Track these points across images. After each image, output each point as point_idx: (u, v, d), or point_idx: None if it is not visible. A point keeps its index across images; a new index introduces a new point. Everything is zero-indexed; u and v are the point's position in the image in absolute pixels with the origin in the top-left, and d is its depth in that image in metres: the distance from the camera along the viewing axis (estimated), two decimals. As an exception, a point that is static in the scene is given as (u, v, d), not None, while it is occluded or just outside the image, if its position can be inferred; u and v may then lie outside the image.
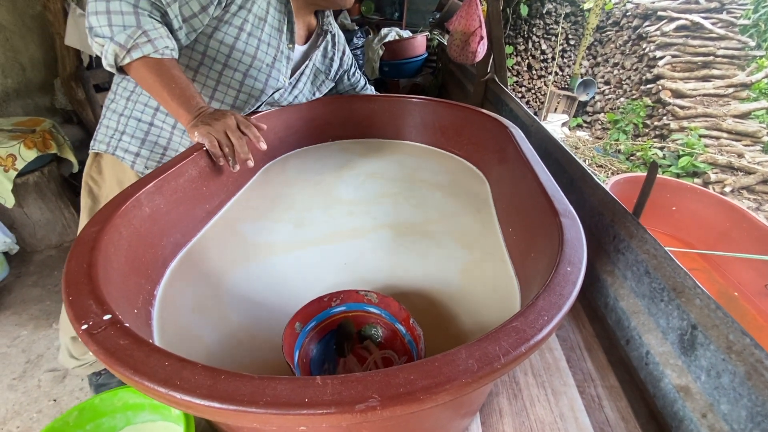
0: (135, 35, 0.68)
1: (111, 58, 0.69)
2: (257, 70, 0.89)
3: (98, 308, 0.34)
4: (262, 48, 0.88)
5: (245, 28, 0.84)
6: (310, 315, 0.50)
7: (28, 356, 1.51)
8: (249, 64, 0.87)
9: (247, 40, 0.85)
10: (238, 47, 0.85)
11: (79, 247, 0.42)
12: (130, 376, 0.28)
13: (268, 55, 0.90)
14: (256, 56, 0.87)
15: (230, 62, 0.86)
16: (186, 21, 0.76)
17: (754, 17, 3.76)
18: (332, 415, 0.25)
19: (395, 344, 0.51)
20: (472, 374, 0.27)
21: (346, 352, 0.52)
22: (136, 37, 0.68)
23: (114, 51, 0.68)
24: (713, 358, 0.53)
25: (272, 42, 0.89)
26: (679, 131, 3.35)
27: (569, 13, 3.96)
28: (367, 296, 0.52)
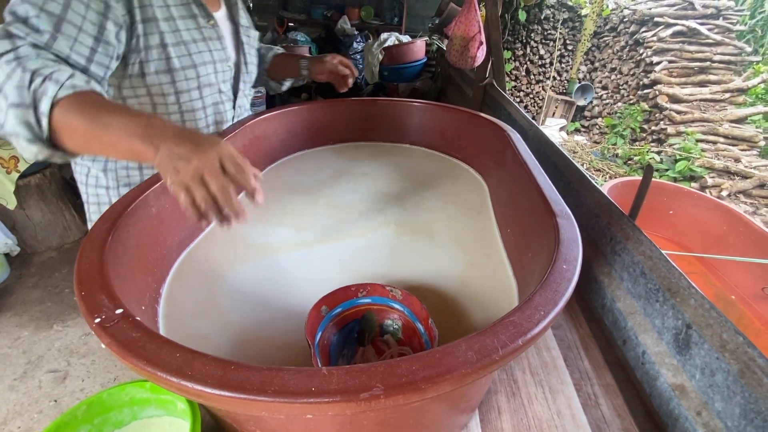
0: (25, 81, 0.48)
1: (23, 131, 0.49)
2: (206, 74, 0.79)
3: (110, 303, 0.35)
4: (192, 49, 0.75)
5: (167, 41, 0.71)
6: (336, 301, 0.52)
7: (28, 357, 1.52)
8: (196, 75, 0.77)
9: (177, 53, 0.73)
10: (175, 66, 0.73)
11: (90, 243, 0.43)
12: (143, 367, 0.29)
13: (202, 51, 0.77)
14: (195, 63, 0.76)
15: (180, 86, 0.75)
16: (92, 61, 0.60)
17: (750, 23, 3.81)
18: (338, 403, 0.26)
19: (413, 342, 0.53)
20: (472, 365, 0.28)
21: (366, 342, 0.54)
22: (30, 83, 0.48)
23: (19, 118, 0.48)
24: (707, 356, 0.54)
25: (195, 35, 0.76)
26: (676, 136, 3.38)
27: (567, 18, 3.99)
28: (392, 292, 0.54)
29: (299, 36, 3.57)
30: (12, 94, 0.48)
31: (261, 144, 0.97)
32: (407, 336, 0.54)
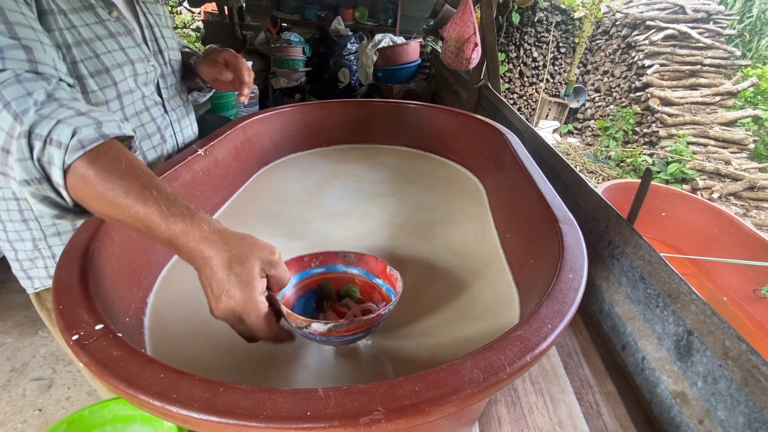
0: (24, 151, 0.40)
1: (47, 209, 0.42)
2: (123, 79, 0.65)
3: (90, 317, 0.33)
4: (99, 49, 0.61)
5: (68, 41, 0.57)
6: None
7: (12, 364, 1.47)
8: (112, 82, 0.63)
9: (81, 56, 0.59)
10: (82, 73, 0.59)
11: (70, 253, 0.41)
12: (123, 390, 0.27)
13: (113, 50, 0.63)
14: (106, 66, 0.62)
15: (93, 98, 0.61)
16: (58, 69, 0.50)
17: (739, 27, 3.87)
18: (335, 429, 0.24)
19: (373, 297, 0.54)
20: (478, 385, 0.27)
21: (325, 309, 0.54)
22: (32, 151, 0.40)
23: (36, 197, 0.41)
24: (710, 364, 0.53)
25: (98, 31, 0.61)
26: (667, 138, 3.42)
27: (560, 21, 4.02)
28: (346, 257, 0.54)
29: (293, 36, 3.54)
30: (18, 170, 0.40)
31: (253, 146, 0.95)
32: (366, 293, 0.54)
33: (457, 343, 0.52)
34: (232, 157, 0.85)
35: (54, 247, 0.68)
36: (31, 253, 0.68)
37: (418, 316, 0.57)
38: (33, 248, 0.67)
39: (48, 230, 0.67)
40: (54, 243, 0.68)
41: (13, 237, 0.66)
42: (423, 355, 0.50)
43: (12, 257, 0.69)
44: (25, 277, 0.71)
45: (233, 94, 2.84)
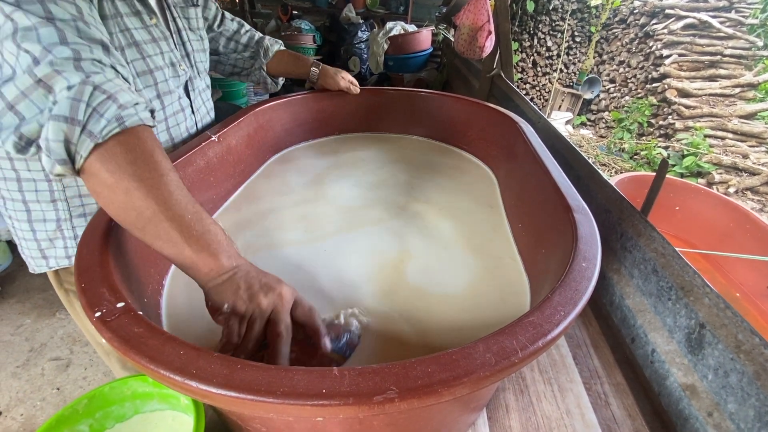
0: (85, 94, 0.38)
1: (59, 151, 0.38)
2: (164, 80, 0.69)
3: (111, 296, 0.34)
4: (147, 51, 0.65)
5: (122, 43, 0.61)
6: None
7: (31, 344, 1.52)
8: (154, 82, 0.67)
9: (131, 57, 0.63)
10: (132, 72, 0.63)
11: (91, 234, 0.42)
12: (145, 365, 0.28)
13: (156, 54, 0.68)
14: (150, 67, 0.66)
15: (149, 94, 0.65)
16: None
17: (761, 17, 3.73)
18: (350, 406, 0.25)
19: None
20: (490, 368, 0.27)
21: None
22: (89, 97, 0.38)
23: (59, 132, 0.37)
24: (721, 357, 0.52)
25: (144, 35, 0.65)
26: (684, 131, 3.34)
27: (576, 9, 3.92)
28: None
29: (303, 24, 3.52)
30: (62, 106, 0.37)
31: (266, 133, 0.95)
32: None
33: (468, 331, 0.53)
34: (245, 143, 0.86)
35: (78, 228, 0.70)
36: (52, 233, 0.69)
37: (429, 305, 0.57)
38: (55, 228, 0.69)
39: (75, 211, 0.68)
40: (78, 224, 0.70)
41: (36, 217, 0.67)
42: (434, 341, 0.51)
43: (29, 237, 0.70)
44: (40, 256, 0.72)
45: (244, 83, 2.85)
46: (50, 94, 0.37)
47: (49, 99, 0.37)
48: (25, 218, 0.67)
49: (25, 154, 0.40)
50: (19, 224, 0.68)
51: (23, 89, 0.37)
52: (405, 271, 0.64)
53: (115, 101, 0.39)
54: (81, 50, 0.39)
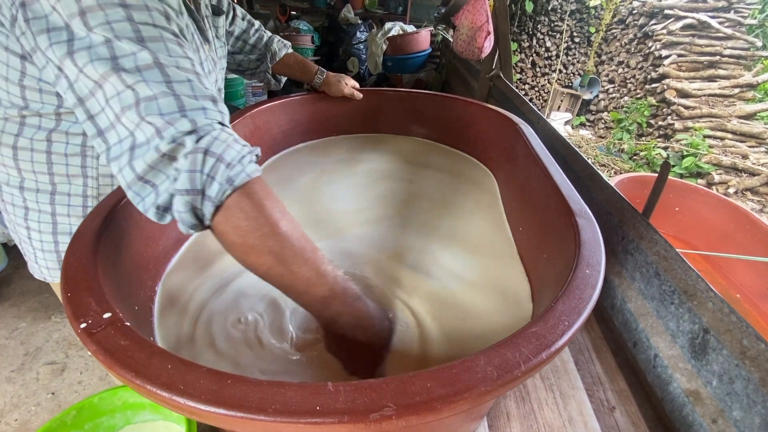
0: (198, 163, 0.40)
1: (188, 218, 0.41)
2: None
3: (98, 306, 0.33)
4: (211, 80, 0.69)
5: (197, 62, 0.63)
6: None
7: (26, 348, 1.50)
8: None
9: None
10: None
11: (79, 241, 0.41)
12: (131, 379, 0.27)
13: (213, 82, 0.71)
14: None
15: None
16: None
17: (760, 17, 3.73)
18: (345, 424, 0.24)
19: None
20: (492, 382, 0.26)
21: None
22: (201, 165, 0.40)
23: (186, 204, 0.40)
24: (726, 363, 0.51)
25: (208, 66, 0.69)
26: (683, 131, 3.33)
27: (574, 10, 3.92)
28: None
29: (302, 25, 3.51)
30: (183, 179, 0.40)
31: (262, 135, 0.94)
32: None
33: (468, 338, 0.51)
34: (241, 146, 0.84)
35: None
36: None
37: (427, 311, 0.56)
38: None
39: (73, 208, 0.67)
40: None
41: (62, 230, 0.67)
42: (434, 351, 0.49)
43: (50, 248, 0.69)
44: (57, 267, 0.71)
45: (242, 83, 2.84)
46: (174, 163, 0.40)
47: (173, 167, 0.40)
48: (49, 230, 0.67)
49: (165, 221, 0.42)
50: (40, 235, 0.67)
51: (150, 162, 0.39)
52: (402, 276, 0.63)
53: (222, 161, 0.41)
54: (197, 118, 0.41)
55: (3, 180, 0.62)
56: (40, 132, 0.58)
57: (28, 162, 0.60)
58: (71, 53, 0.38)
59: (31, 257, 0.70)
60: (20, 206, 0.64)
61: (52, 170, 0.61)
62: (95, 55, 0.38)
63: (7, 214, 0.66)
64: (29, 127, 0.57)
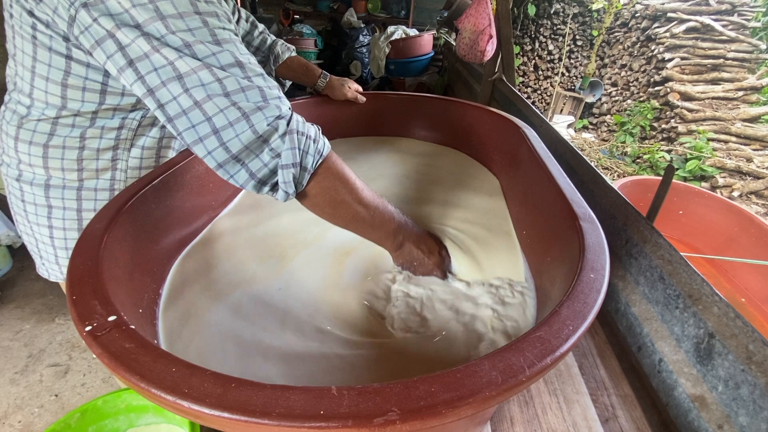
0: (294, 141, 0.48)
1: (292, 189, 0.50)
2: None
3: (103, 309, 0.33)
4: None
5: None
6: None
7: (30, 350, 1.51)
8: None
9: None
10: None
11: (84, 243, 0.41)
12: (135, 383, 0.27)
13: None
14: None
15: None
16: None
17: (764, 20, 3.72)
18: (349, 428, 0.24)
19: None
20: (496, 387, 0.26)
21: None
22: (297, 143, 0.48)
23: (290, 176, 0.49)
24: (731, 368, 0.51)
25: None
26: (687, 134, 3.32)
27: (577, 13, 3.92)
28: None
29: (305, 28, 3.53)
30: (286, 156, 0.48)
31: (265, 138, 0.94)
32: None
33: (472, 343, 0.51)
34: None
35: None
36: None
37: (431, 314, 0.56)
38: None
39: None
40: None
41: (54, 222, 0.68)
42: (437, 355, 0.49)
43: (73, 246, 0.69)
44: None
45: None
46: (266, 144, 0.47)
47: (267, 147, 0.47)
48: (75, 227, 0.67)
49: (261, 192, 0.50)
50: (65, 233, 0.67)
51: (246, 143, 0.46)
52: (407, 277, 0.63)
53: (309, 138, 0.50)
54: (279, 104, 0.48)
55: (27, 179, 0.63)
56: (75, 130, 0.59)
57: (58, 160, 0.61)
58: (157, 49, 0.43)
59: (50, 258, 0.70)
60: (43, 205, 0.64)
61: (82, 166, 0.63)
62: (181, 53, 0.43)
63: (26, 214, 0.66)
64: (63, 127, 0.59)
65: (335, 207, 0.54)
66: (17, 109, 0.59)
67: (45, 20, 0.49)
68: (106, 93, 0.57)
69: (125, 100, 0.59)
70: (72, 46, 0.51)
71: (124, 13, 0.42)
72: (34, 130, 0.59)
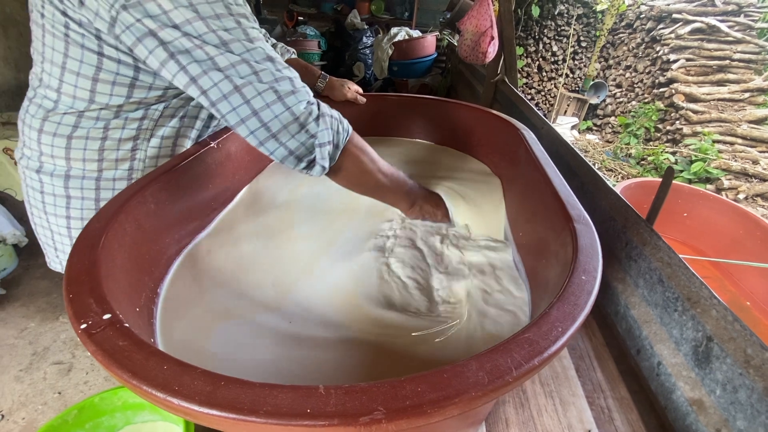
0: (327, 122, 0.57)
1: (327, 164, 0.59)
2: None
3: (98, 307, 0.33)
4: None
5: None
6: None
7: (34, 348, 1.52)
8: None
9: None
10: None
11: (82, 243, 0.42)
12: (127, 380, 0.27)
13: None
14: None
15: None
16: None
17: (771, 21, 3.69)
18: (335, 427, 0.24)
19: None
20: (483, 387, 0.26)
21: None
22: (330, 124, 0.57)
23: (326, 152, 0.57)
24: (729, 372, 0.51)
25: None
26: (692, 136, 3.30)
27: (581, 14, 3.91)
28: None
29: (308, 30, 3.54)
30: (322, 135, 0.56)
31: (266, 139, 0.95)
32: None
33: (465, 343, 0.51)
34: (246, 150, 0.85)
35: None
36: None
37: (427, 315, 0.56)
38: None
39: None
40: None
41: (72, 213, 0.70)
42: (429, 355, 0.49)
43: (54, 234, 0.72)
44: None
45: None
46: (304, 126, 0.55)
47: (305, 128, 0.55)
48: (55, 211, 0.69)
49: (298, 167, 0.58)
50: (82, 222, 0.70)
51: (284, 123, 0.53)
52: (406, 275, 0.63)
53: (336, 119, 0.59)
54: (308, 91, 0.56)
55: (47, 171, 0.65)
56: (99, 122, 0.62)
57: (80, 150, 0.63)
58: (199, 47, 0.49)
59: (65, 249, 0.72)
60: (62, 196, 0.66)
61: (103, 156, 0.65)
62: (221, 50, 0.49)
63: (43, 206, 0.68)
64: (88, 120, 0.62)
65: (361, 177, 0.65)
66: (43, 103, 0.61)
67: (78, 20, 0.52)
68: (134, 87, 0.60)
69: (151, 94, 0.62)
70: (104, 44, 0.54)
71: (162, 14, 0.47)
72: (60, 123, 0.61)
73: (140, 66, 0.58)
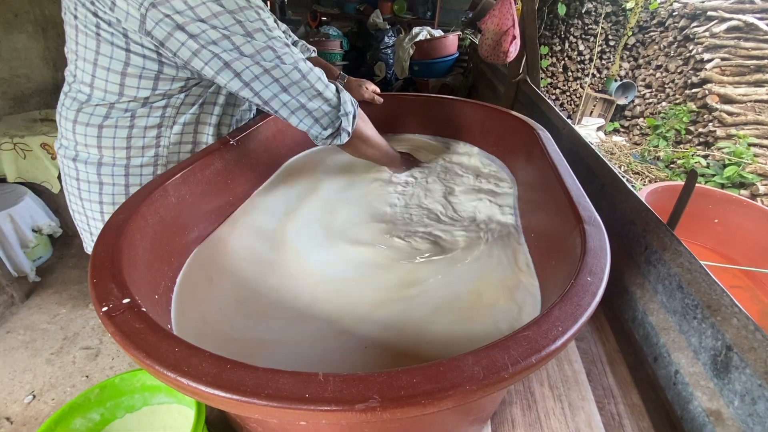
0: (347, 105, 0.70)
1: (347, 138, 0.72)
2: None
3: (119, 292, 0.35)
4: None
5: None
6: None
7: (65, 333, 1.61)
8: None
9: None
10: None
11: (107, 233, 0.44)
12: (142, 360, 0.29)
13: None
14: None
15: None
16: None
17: (817, 18, 3.47)
18: (332, 412, 0.25)
19: None
20: (477, 382, 0.26)
21: None
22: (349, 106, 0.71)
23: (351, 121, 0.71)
24: (749, 382, 0.49)
25: None
26: (725, 139, 3.15)
27: (610, 12, 3.79)
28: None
29: (331, 30, 3.58)
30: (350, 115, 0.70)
31: (284, 137, 0.97)
32: None
33: (473, 341, 0.51)
34: (263, 147, 0.88)
35: None
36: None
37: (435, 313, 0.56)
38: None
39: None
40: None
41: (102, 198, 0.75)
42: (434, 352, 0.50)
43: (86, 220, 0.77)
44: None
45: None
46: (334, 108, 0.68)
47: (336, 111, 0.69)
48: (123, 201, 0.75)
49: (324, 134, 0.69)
50: (113, 207, 0.74)
51: (320, 106, 0.66)
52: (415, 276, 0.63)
53: (349, 100, 0.71)
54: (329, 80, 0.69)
55: (82, 159, 0.70)
56: (128, 112, 0.67)
57: (110, 139, 0.69)
58: (228, 37, 0.56)
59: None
60: (95, 182, 0.71)
61: (130, 144, 0.70)
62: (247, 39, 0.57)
63: (79, 192, 0.73)
64: (117, 110, 0.66)
65: (366, 142, 0.79)
66: (77, 96, 0.66)
67: (108, 20, 0.58)
68: (159, 79, 0.65)
69: (175, 85, 0.67)
70: (131, 41, 0.59)
71: (188, 9, 0.53)
72: (92, 113, 0.66)
73: (164, 60, 0.62)
